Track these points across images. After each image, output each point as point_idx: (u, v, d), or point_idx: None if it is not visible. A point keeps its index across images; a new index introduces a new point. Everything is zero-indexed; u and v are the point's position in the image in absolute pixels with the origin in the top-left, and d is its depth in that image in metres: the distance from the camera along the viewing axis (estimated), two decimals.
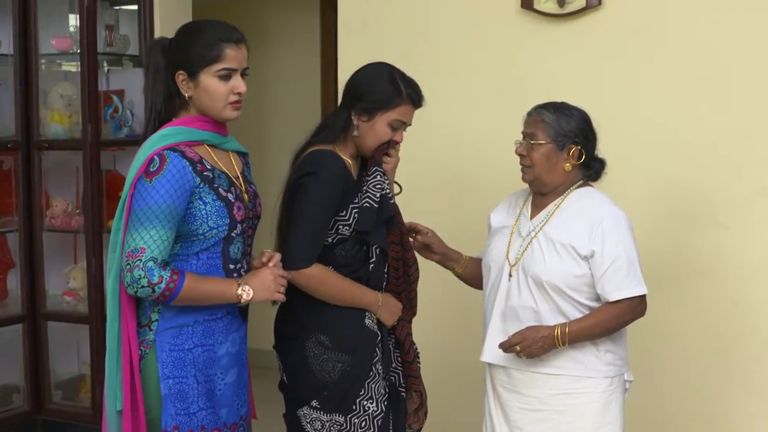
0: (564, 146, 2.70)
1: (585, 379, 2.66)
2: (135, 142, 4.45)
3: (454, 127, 3.81)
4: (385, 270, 2.76)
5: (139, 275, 2.31)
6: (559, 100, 2.87)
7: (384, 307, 2.72)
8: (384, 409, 2.71)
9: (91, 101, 4.19)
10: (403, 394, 2.82)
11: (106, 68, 4.50)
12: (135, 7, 4.51)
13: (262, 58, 5.51)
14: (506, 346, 2.64)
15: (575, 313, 2.65)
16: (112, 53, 4.42)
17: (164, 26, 4.42)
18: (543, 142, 2.70)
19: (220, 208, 2.41)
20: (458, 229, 3.66)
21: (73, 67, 4.55)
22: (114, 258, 2.41)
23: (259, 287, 2.44)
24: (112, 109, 4.38)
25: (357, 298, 2.68)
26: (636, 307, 2.67)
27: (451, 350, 3.62)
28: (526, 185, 2.87)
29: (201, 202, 2.39)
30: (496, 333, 2.73)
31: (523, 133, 2.78)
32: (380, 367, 2.71)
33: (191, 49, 2.42)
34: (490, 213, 2.98)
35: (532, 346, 2.60)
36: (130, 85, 4.48)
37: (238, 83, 2.44)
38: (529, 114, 2.78)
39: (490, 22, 3.74)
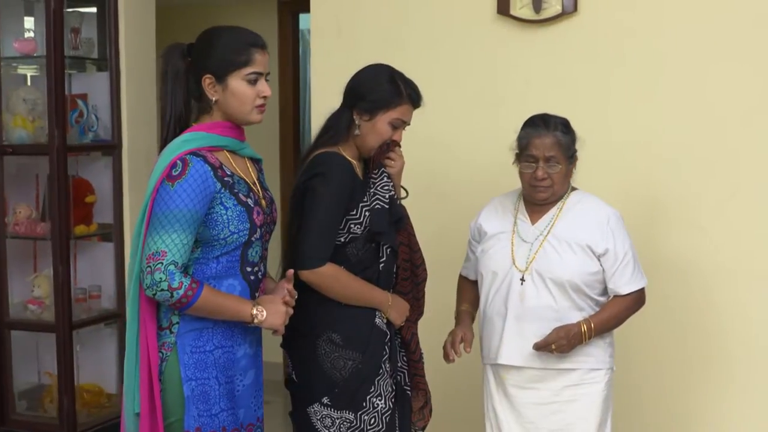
0: (573, 160, 2.84)
1: (594, 370, 2.82)
2: (100, 147, 4.42)
3: (431, 131, 3.80)
4: (394, 270, 2.80)
5: (160, 278, 2.31)
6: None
7: (393, 307, 2.77)
8: (391, 406, 2.75)
9: (58, 106, 4.09)
10: (409, 392, 2.86)
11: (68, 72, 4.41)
12: (94, 9, 4.44)
13: None
14: (542, 346, 2.73)
15: (588, 309, 2.79)
16: (76, 57, 4.32)
17: (128, 29, 4.35)
18: (562, 164, 2.79)
19: (241, 213, 2.43)
20: (437, 231, 3.71)
21: (33, 70, 4.45)
22: (135, 261, 2.40)
23: (272, 315, 2.47)
24: (77, 113, 4.27)
25: (368, 297, 2.73)
26: (640, 297, 2.86)
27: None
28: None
29: (222, 207, 2.40)
30: (513, 335, 2.82)
31: (535, 156, 2.77)
32: (388, 365, 2.75)
33: (220, 54, 2.44)
34: (478, 221, 3.00)
35: (566, 345, 2.72)
36: (93, 89, 4.38)
37: (264, 87, 2.48)
38: (539, 135, 2.77)
39: (466, 27, 3.78)
